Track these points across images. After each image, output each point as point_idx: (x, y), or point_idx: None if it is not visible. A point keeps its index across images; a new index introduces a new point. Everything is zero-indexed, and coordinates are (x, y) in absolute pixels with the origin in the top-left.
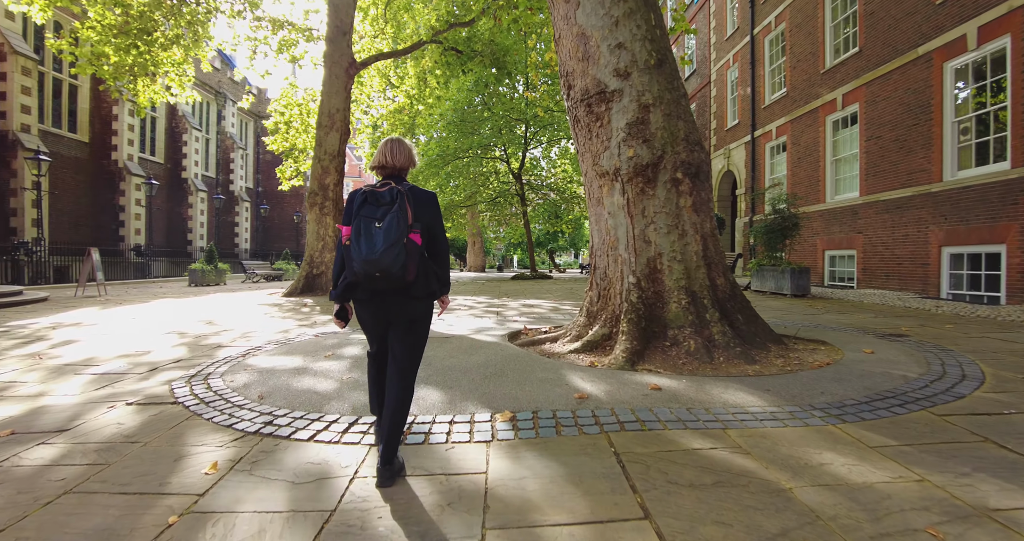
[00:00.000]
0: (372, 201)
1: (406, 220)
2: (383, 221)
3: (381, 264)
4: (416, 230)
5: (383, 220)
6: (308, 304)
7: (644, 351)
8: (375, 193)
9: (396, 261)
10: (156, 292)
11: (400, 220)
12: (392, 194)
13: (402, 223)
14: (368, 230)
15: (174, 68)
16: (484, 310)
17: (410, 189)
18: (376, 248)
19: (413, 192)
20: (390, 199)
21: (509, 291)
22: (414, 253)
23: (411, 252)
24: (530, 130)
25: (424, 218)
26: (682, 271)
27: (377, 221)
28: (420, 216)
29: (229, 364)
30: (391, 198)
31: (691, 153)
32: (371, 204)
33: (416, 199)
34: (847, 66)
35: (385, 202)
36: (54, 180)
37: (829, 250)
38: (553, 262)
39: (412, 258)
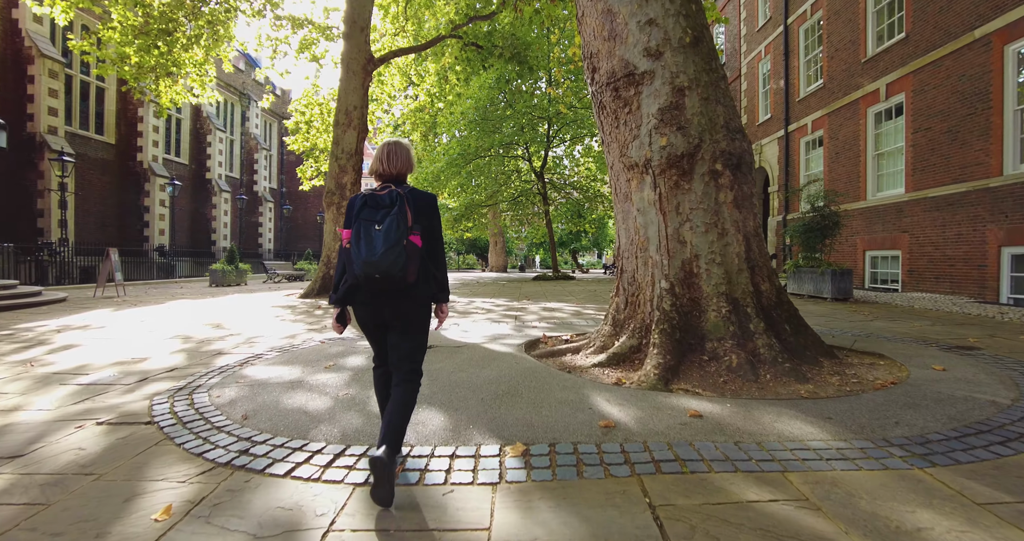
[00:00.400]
0: (372, 204)
1: (406, 222)
2: (383, 223)
3: (381, 266)
4: (416, 232)
5: (383, 222)
6: (322, 306)
7: (679, 367)
8: (375, 196)
9: (396, 263)
10: (175, 293)
11: (400, 222)
12: (392, 197)
13: (402, 225)
14: (368, 233)
15: (196, 69)
16: (502, 314)
17: (410, 191)
18: (376, 250)
19: (413, 194)
20: (390, 202)
21: (530, 293)
22: (414, 255)
23: (411, 254)
24: (553, 128)
25: (424, 220)
26: (722, 275)
27: (377, 224)
28: (420, 218)
29: (223, 375)
30: (391, 201)
31: (732, 142)
32: (371, 207)
33: (416, 201)
34: (891, 54)
35: (385, 205)
36: (81, 181)
37: (870, 250)
38: (576, 262)
39: (412, 260)
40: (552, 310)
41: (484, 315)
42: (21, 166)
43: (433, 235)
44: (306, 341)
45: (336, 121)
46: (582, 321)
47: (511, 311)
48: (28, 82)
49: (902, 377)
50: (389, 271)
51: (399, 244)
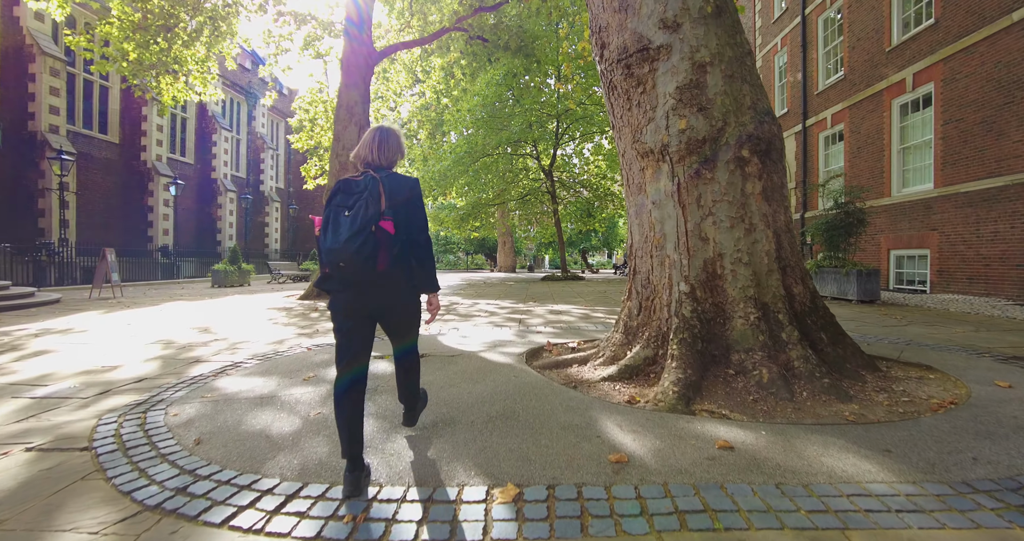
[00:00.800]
0: (346, 190)
1: (377, 207)
2: (352, 209)
3: (344, 254)
4: (388, 218)
5: (352, 208)
6: (319, 308)
7: (701, 382)
8: (349, 181)
9: (361, 250)
10: (174, 294)
11: (368, 207)
12: (366, 181)
13: (370, 210)
14: (336, 219)
15: (198, 66)
16: (506, 317)
17: (387, 176)
18: (340, 237)
19: (390, 178)
20: (363, 187)
21: (537, 294)
22: (385, 241)
23: (381, 240)
24: (562, 125)
25: (400, 205)
26: (749, 277)
27: (347, 209)
28: (395, 203)
29: (192, 387)
30: (364, 185)
31: (760, 124)
32: (344, 193)
33: (392, 185)
34: (919, 41)
35: (358, 190)
36: (84, 181)
37: (895, 249)
38: (585, 262)
39: (383, 247)
40: (559, 313)
41: (486, 318)
42: (23, 165)
43: (413, 221)
44: (292, 348)
45: (337, 117)
46: (591, 326)
47: (515, 314)
48: (29, 80)
49: (961, 395)
50: (353, 259)
51: (365, 230)
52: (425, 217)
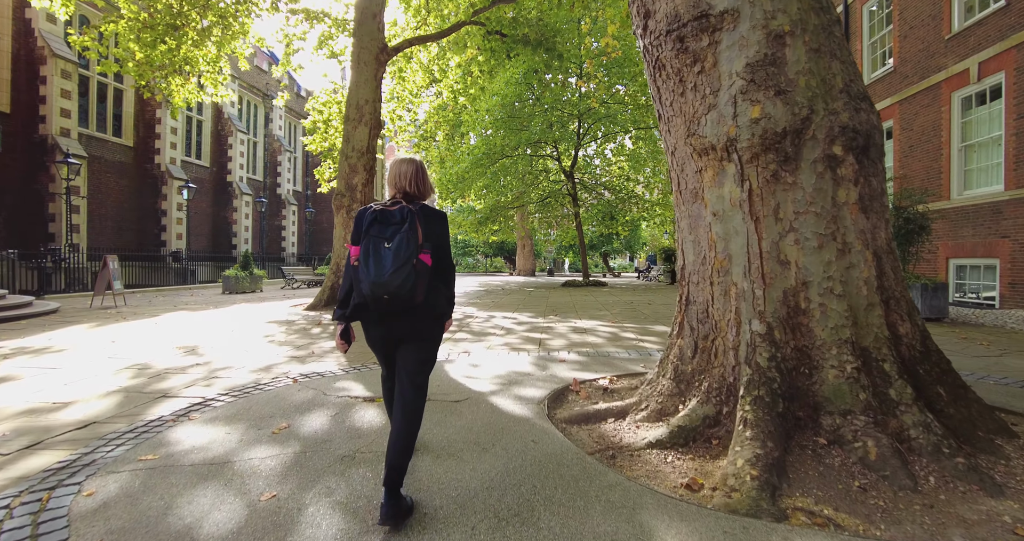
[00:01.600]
0: (382, 220)
1: (416, 240)
2: (392, 241)
3: (390, 286)
4: (426, 250)
5: (392, 240)
6: (323, 322)
7: (785, 457)
8: (385, 212)
9: (405, 283)
10: (180, 302)
11: (410, 240)
12: (403, 213)
13: (412, 243)
14: (377, 251)
15: (209, 66)
16: (524, 336)
17: (421, 208)
18: (385, 270)
19: (424, 211)
20: (400, 218)
21: (558, 305)
22: (424, 274)
23: (420, 273)
24: (583, 125)
25: (434, 238)
26: (844, 313)
27: (387, 241)
28: (430, 236)
29: (136, 441)
30: (401, 217)
31: (856, 113)
32: (380, 223)
33: (427, 218)
34: (986, 26)
35: (395, 221)
36: (98, 184)
37: (956, 258)
38: (607, 266)
39: (422, 279)
40: (583, 332)
41: (502, 338)
42: (34, 169)
43: (442, 252)
44: (277, 378)
45: (346, 116)
46: (622, 351)
47: (535, 332)
48: (40, 83)
49: None
50: (398, 292)
51: (408, 263)
52: (450, 248)
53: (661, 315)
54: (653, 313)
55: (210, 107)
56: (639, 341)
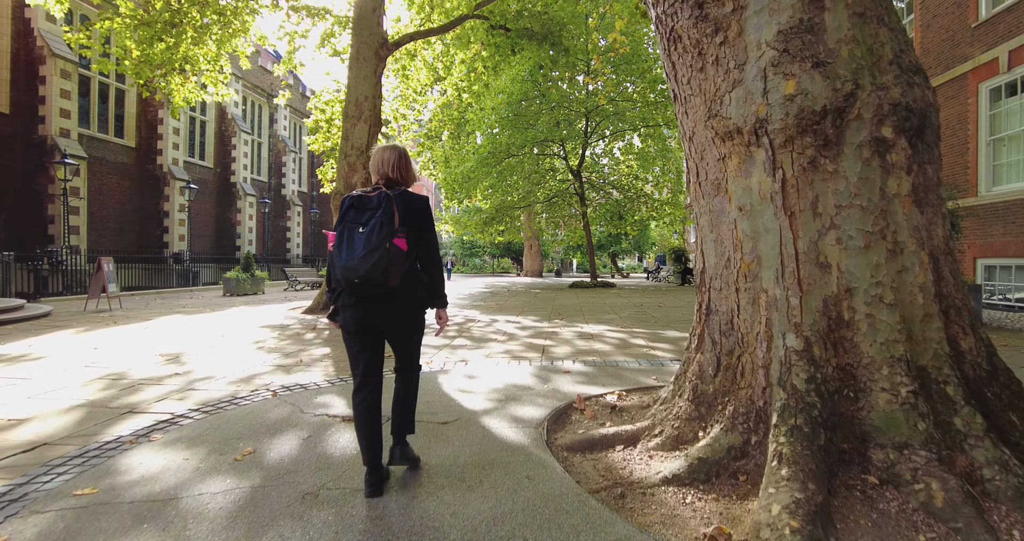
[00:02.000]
0: (358, 206)
1: (391, 224)
2: (367, 226)
3: (360, 270)
4: (401, 235)
5: (367, 225)
6: (318, 327)
7: (830, 502)
8: (362, 198)
9: (376, 267)
10: (177, 304)
11: (383, 224)
12: (380, 198)
13: (385, 227)
14: (351, 235)
15: (209, 65)
16: (526, 343)
17: (400, 194)
18: (356, 253)
19: (403, 196)
20: (376, 203)
21: (564, 308)
22: (397, 258)
23: (394, 257)
24: (591, 123)
25: (412, 223)
26: (897, 325)
27: (361, 226)
28: (408, 220)
29: (81, 468)
30: (378, 202)
31: (908, 88)
32: (357, 209)
33: (405, 203)
34: (1016, 13)
35: (371, 206)
36: (99, 186)
37: (984, 258)
38: (616, 266)
39: (395, 263)
40: (590, 338)
41: (503, 345)
42: (34, 171)
43: (424, 238)
44: (257, 390)
45: (345, 113)
46: (632, 360)
47: (538, 337)
48: (40, 83)
49: None
50: (369, 275)
51: (380, 247)
52: (435, 234)
53: (672, 319)
54: (664, 316)
55: (213, 107)
56: (650, 348)
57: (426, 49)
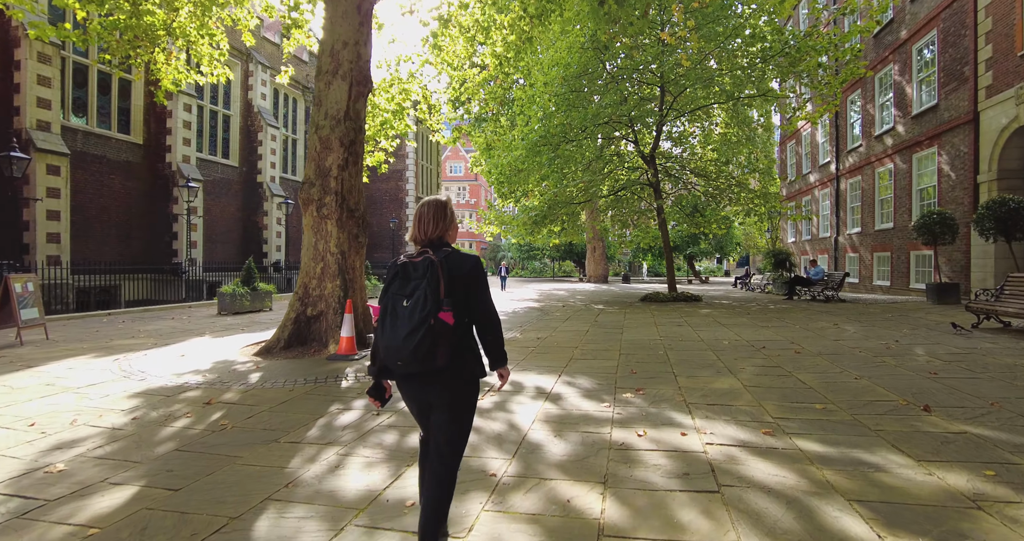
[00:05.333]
0: (404, 275)
1: (436, 296)
2: (411, 298)
3: (404, 352)
4: (447, 308)
5: (411, 297)
6: (223, 402)
7: None
8: (408, 265)
9: (420, 347)
10: (139, 330)
11: (427, 298)
12: (424, 265)
13: (429, 302)
14: (395, 310)
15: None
16: (556, 498)
17: (446, 257)
18: (399, 333)
19: (448, 260)
20: (422, 272)
21: (637, 349)
22: (445, 334)
23: (440, 334)
24: (668, 96)
25: (460, 290)
26: None
27: (406, 298)
28: (455, 289)
29: None
30: (423, 270)
31: None
32: (402, 278)
33: (451, 269)
34: None
35: (416, 275)
36: (100, 187)
37: None
38: (693, 270)
39: (442, 341)
40: (709, 478)
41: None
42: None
43: (475, 302)
44: None
45: (318, 70)
46: None
47: (590, 446)
48: (15, 69)
49: None
50: (413, 357)
51: (424, 324)
52: (490, 296)
53: (860, 395)
54: (823, 379)
55: (239, 100)
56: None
57: (462, 14)
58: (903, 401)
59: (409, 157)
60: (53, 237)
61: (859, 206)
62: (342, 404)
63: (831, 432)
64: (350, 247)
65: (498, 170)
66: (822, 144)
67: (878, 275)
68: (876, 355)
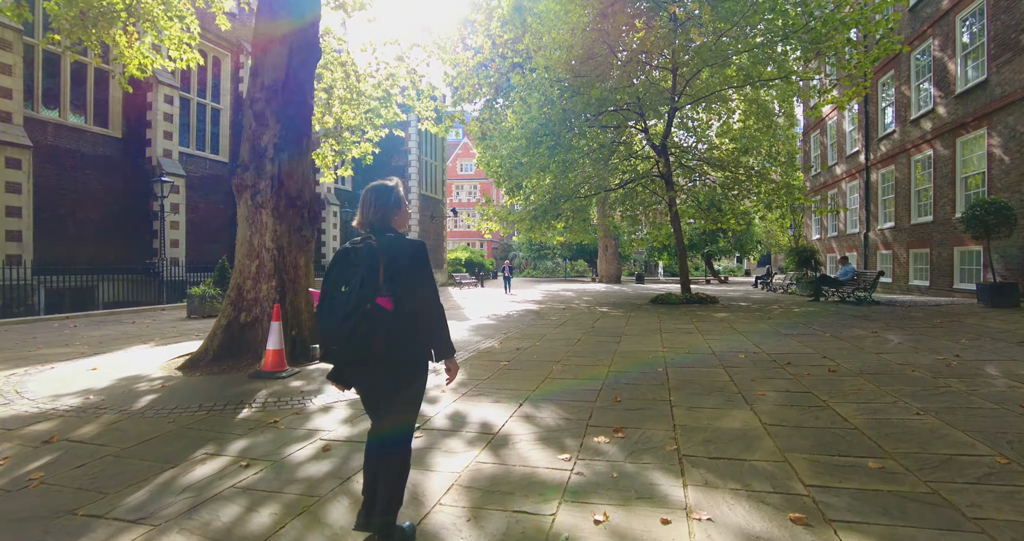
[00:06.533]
0: (344, 261)
1: (373, 281)
2: (349, 284)
3: (339, 336)
4: (385, 293)
5: (350, 282)
6: (132, 422)
7: None
8: (350, 250)
9: (356, 332)
10: (92, 335)
11: (364, 283)
12: (365, 250)
13: (366, 287)
14: (333, 296)
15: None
16: None
17: (388, 242)
18: (334, 318)
19: (390, 246)
20: (362, 257)
21: (628, 362)
22: (382, 319)
23: (377, 319)
24: (681, 77)
25: (400, 275)
26: None
27: (345, 284)
28: (397, 273)
29: None
30: (364, 256)
31: None
32: (342, 264)
33: (391, 254)
34: None
35: (356, 261)
36: (74, 183)
37: None
38: (711, 270)
39: (379, 325)
40: None
41: None
42: None
43: (415, 291)
44: None
45: (255, 33)
46: None
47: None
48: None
49: None
50: (348, 342)
51: (359, 309)
52: (432, 281)
53: (913, 429)
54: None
55: (228, 93)
56: None
57: None
58: (1002, 458)
59: (412, 153)
60: (14, 235)
61: (892, 198)
62: (216, 447)
63: (900, 518)
64: (291, 242)
65: (497, 162)
66: (849, 132)
67: (915, 274)
68: (935, 375)
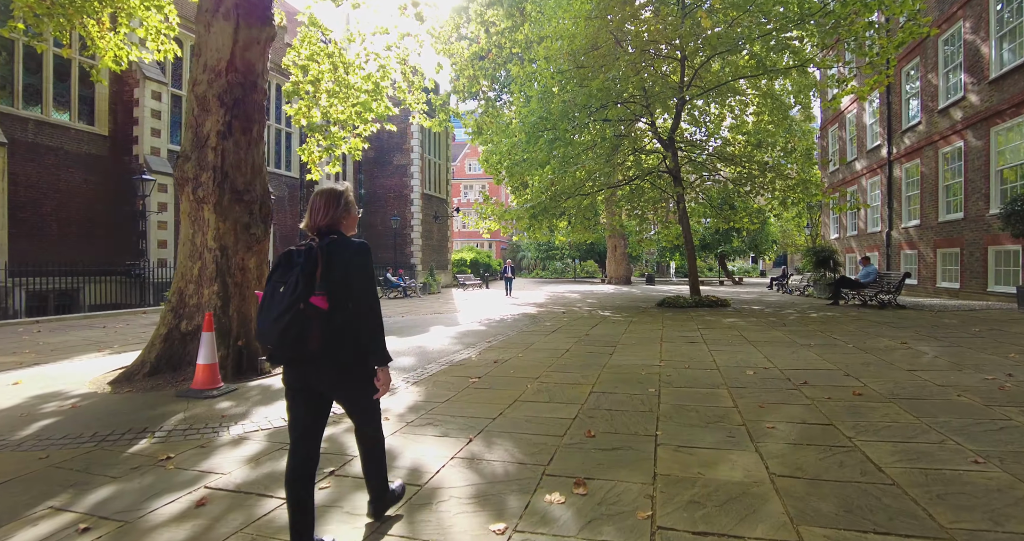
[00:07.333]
0: (286, 262)
1: (309, 280)
2: (287, 284)
3: (271, 336)
4: (321, 292)
5: (287, 283)
6: None
7: None
8: (293, 252)
9: (288, 331)
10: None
11: (299, 283)
12: (305, 251)
13: (300, 286)
14: (272, 296)
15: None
16: None
17: (329, 243)
18: (269, 317)
19: (331, 246)
20: (303, 258)
21: (615, 379)
22: (316, 319)
23: (311, 318)
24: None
25: (337, 276)
26: None
27: (283, 285)
28: (332, 274)
29: None
30: (303, 256)
31: None
32: (284, 266)
33: (331, 254)
34: None
35: (297, 262)
36: (56, 182)
37: None
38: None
39: (313, 325)
40: None
41: None
42: None
43: (353, 291)
44: None
45: (198, 9)
46: None
47: None
48: None
49: None
50: (281, 341)
51: (292, 308)
52: (370, 283)
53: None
54: (912, 461)
55: None
56: None
57: None
58: None
59: (414, 151)
60: None
61: (917, 194)
62: (69, 497)
63: None
64: (236, 241)
65: (496, 158)
66: (870, 126)
67: (943, 275)
68: (988, 402)
